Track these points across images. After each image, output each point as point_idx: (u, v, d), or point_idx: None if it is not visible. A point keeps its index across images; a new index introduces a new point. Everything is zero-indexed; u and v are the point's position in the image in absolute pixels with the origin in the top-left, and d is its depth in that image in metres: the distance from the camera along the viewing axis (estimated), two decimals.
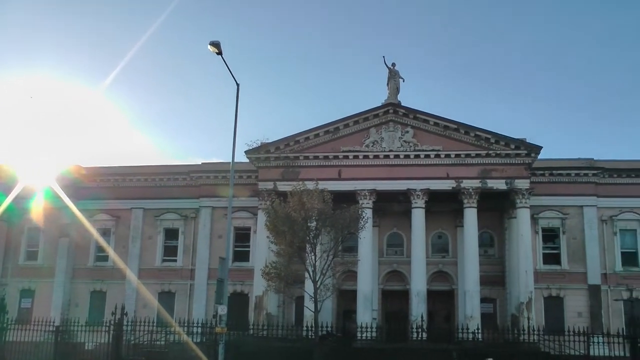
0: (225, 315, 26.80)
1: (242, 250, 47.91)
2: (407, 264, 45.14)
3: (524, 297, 41.98)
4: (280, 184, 42.98)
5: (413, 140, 44.12)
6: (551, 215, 46.86)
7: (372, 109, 44.81)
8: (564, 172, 46.89)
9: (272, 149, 44.87)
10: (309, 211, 29.60)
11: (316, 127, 45.01)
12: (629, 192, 47.11)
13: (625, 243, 47.23)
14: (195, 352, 29.95)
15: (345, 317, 46.01)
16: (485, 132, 43.73)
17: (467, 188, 43.07)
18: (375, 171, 43.79)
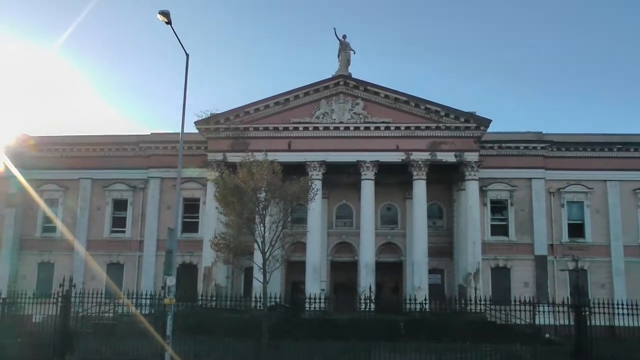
0: (174, 286, 26.59)
1: (191, 222, 47.62)
2: (356, 235, 45.35)
3: (472, 268, 42.45)
4: (230, 155, 42.62)
5: (363, 113, 44.10)
6: (500, 188, 47.35)
7: (323, 81, 44.66)
8: (512, 145, 47.38)
9: (221, 120, 44.54)
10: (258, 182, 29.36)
11: (266, 98, 44.74)
12: (577, 165, 47.73)
13: (572, 215, 47.95)
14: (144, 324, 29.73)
15: (294, 288, 46.17)
16: (435, 105, 43.88)
17: (417, 160, 43.25)
18: (325, 143, 43.76)
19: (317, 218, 42.96)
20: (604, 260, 46.73)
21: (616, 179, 47.67)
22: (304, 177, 36.20)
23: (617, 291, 44.37)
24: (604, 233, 47.31)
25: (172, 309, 26.07)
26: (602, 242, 47.17)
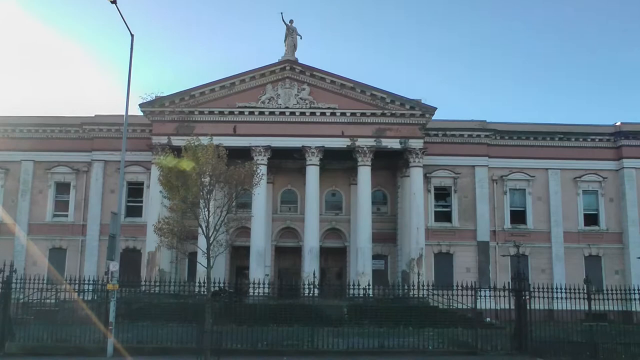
0: (117, 271, 26.33)
1: (135, 206, 47.13)
2: (300, 220, 45.45)
3: (415, 254, 42.87)
4: (175, 139, 42.19)
5: (309, 98, 44.12)
6: (444, 175, 47.89)
7: (269, 65, 44.54)
8: (457, 133, 47.96)
9: (166, 103, 44.10)
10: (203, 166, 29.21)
11: (212, 82, 44.47)
12: (519, 154, 48.62)
13: (514, 202, 48.82)
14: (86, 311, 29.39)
15: (239, 273, 46.17)
16: (381, 92, 44.13)
17: (362, 146, 43.47)
18: (271, 128, 43.67)
19: (262, 203, 42.91)
20: (545, 246, 47.84)
21: (557, 168, 48.70)
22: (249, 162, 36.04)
23: (556, 276, 45.50)
24: (545, 220, 48.32)
25: (115, 295, 25.84)
26: (543, 228, 48.20)
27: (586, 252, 48.18)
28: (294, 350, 25.87)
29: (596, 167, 49.14)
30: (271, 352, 25.26)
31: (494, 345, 27.51)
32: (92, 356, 24.19)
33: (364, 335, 27.01)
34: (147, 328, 26.50)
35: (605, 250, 48.37)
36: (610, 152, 49.45)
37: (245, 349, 25.43)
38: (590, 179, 49.13)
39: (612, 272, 47.52)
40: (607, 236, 48.63)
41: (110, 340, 24.54)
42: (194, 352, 21.50)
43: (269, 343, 26.28)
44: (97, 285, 30.86)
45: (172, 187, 28.78)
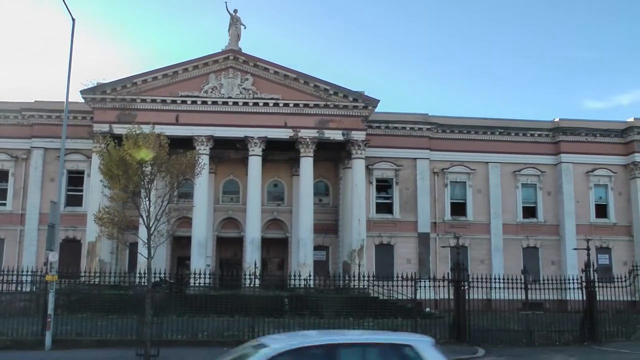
0: (56, 262, 26.00)
1: (76, 195, 46.40)
2: (242, 211, 45.32)
3: (356, 245, 43.15)
4: (116, 127, 41.58)
5: (252, 88, 44.00)
6: (385, 167, 48.28)
7: (212, 55, 44.30)
8: (399, 125, 48.37)
9: (108, 90, 43.51)
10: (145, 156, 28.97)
11: (154, 70, 44.04)
12: (460, 147, 49.31)
13: (455, 194, 49.59)
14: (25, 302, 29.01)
15: (180, 263, 45.94)
16: (324, 83, 44.29)
17: (305, 137, 43.56)
18: (214, 117, 43.42)
19: (204, 193, 42.72)
20: (484, 237, 48.76)
21: (497, 161, 49.67)
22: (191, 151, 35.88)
23: (495, 266, 46.28)
24: (485, 212, 49.20)
25: (54, 286, 25.52)
26: (483, 220, 49.07)
27: (524, 244, 49.33)
28: (234, 340, 25.75)
29: (535, 162, 50.23)
30: (211, 343, 25.21)
31: (433, 335, 27.76)
32: (29, 349, 23.79)
33: (305, 326, 27.09)
34: (86, 320, 26.30)
35: (542, 242, 49.61)
36: (549, 147, 50.64)
37: (185, 340, 25.41)
38: (529, 173, 50.19)
39: (548, 263, 48.71)
40: (545, 228, 49.85)
41: (49, 332, 24.23)
42: (134, 344, 21.33)
43: (210, 334, 26.28)
44: (36, 276, 30.44)
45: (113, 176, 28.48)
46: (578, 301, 31.57)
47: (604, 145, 50.81)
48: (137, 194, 26.69)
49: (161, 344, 21.30)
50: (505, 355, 24.61)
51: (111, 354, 21.84)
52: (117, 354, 21.68)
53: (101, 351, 23.08)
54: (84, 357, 21.83)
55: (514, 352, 25.34)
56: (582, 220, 49.67)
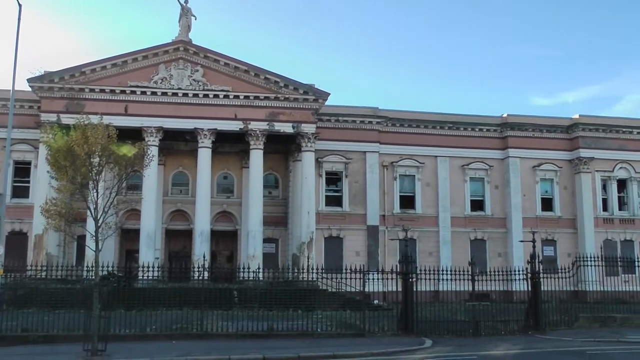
0: (2, 255, 25.69)
1: (22, 186, 45.48)
2: (192, 203, 45.12)
3: (305, 237, 43.26)
4: (64, 117, 40.99)
5: (203, 80, 43.74)
6: (335, 160, 48.41)
7: (162, 45, 43.92)
8: (349, 119, 48.54)
9: (56, 79, 42.76)
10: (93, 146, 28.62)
11: (103, 59, 43.52)
12: (410, 141, 49.73)
13: (404, 187, 49.96)
14: None
15: (129, 256, 45.55)
16: (275, 76, 44.23)
17: (255, 130, 43.47)
18: (163, 108, 43.07)
19: (153, 185, 42.42)
20: (433, 230, 49.30)
21: (446, 155, 50.26)
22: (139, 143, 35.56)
23: (443, 259, 46.99)
24: (434, 205, 49.71)
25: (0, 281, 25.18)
26: (431, 213, 49.58)
27: (472, 236, 50.05)
28: (183, 334, 25.80)
29: (483, 156, 51.01)
30: (160, 337, 25.10)
31: (381, 327, 28.12)
32: None
33: (254, 319, 27.14)
34: (33, 315, 25.88)
35: (489, 234, 50.38)
36: (497, 142, 51.47)
37: (133, 334, 25.17)
38: (478, 167, 50.89)
39: (495, 255, 49.53)
40: (492, 221, 50.64)
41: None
42: (82, 339, 21.08)
43: (158, 327, 26.09)
44: None
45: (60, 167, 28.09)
46: (523, 292, 32.38)
47: (550, 141, 51.83)
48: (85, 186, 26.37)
49: (109, 339, 21.08)
50: (452, 345, 24.90)
51: (58, 350, 21.55)
52: (64, 350, 21.40)
53: (48, 347, 22.74)
54: (31, 352, 21.48)
55: (461, 342, 25.69)
56: (529, 213, 50.65)
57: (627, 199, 52.96)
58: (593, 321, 31.26)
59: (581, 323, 30.92)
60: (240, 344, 23.90)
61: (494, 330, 28.66)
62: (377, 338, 26.50)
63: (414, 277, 28.79)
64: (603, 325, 30.80)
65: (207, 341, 24.67)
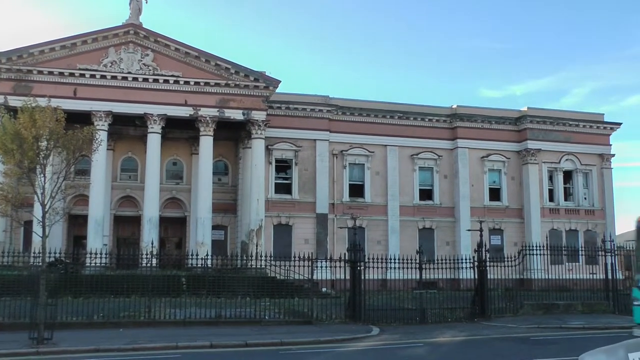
0: None
1: None
2: (141, 189, 44.80)
3: (255, 225, 43.24)
4: (12, 99, 40.12)
5: (153, 64, 43.33)
6: (285, 147, 48.40)
7: (112, 28, 43.34)
8: (300, 107, 48.57)
9: (3, 60, 41.82)
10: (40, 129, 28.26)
11: (52, 40, 42.67)
12: (360, 130, 49.94)
13: (354, 176, 50.14)
14: None
15: (76, 243, 45.08)
16: (226, 62, 44.04)
17: (205, 116, 43.26)
18: (113, 92, 42.53)
19: (101, 170, 41.96)
20: (382, 218, 49.62)
21: (396, 145, 50.57)
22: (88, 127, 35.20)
23: (391, 247, 47.48)
24: (383, 194, 50.07)
25: None
26: (381, 202, 49.94)
27: (420, 225, 50.52)
28: (130, 321, 25.75)
29: (433, 146, 51.48)
30: (107, 324, 25.05)
31: (329, 315, 28.38)
32: None
33: (202, 306, 27.21)
34: None
35: (438, 223, 50.93)
36: (446, 132, 52.00)
37: (80, 322, 25.07)
38: (427, 157, 51.36)
39: (443, 243, 50.14)
40: (441, 210, 51.23)
41: None
42: (28, 327, 20.89)
43: (106, 315, 26.02)
44: None
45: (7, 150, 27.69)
46: (470, 280, 32.86)
47: (498, 132, 52.59)
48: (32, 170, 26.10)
49: (56, 327, 20.97)
50: (399, 332, 25.26)
51: (3, 338, 21.24)
52: (9, 338, 21.13)
53: None
54: None
55: (408, 330, 26.08)
56: (477, 203, 51.35)
57: (573, 189, 54.08)
58: (537, 308, 32.14)
59: (526, 310, 31.75)
60: (188, 331, 23.96)
61: (441, 318, 29.16)
62: (325, 326, 26.75)
63: (362, 265, 29.10)
64: (547, 312, 31.71)
65: (154, 329, 24.69)
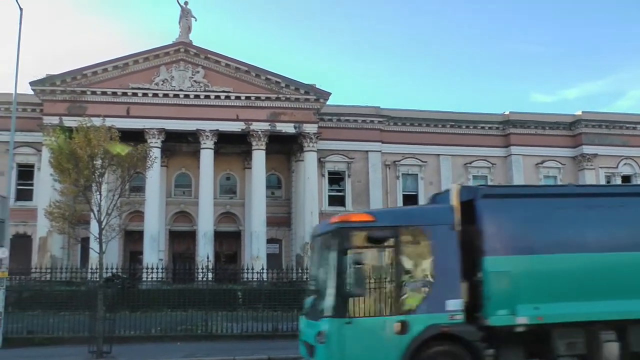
0: (6, 258, 25.58)
1: (26, 189, 45.44)
2: (195, 204, 45.06)
3: (309, 238, 43.10)
4: (67, 119, 40.95)
5: (204, 81, 43.75)
6: (337, 159, 48.28)
7: (163, 47, 43.96)
8: (351, 118, 48.41)
9: (58, 82, 42.77)
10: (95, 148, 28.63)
11: (105, 62, 43.48)
12: (411, 140, 49.52)
13: (407, 186, 49.81)
14: None
15: (132, 258, 45.44)
16: (276, 76, 44.26)
17: (257, 130, 43.47)
18: (165, 110, 43.06)
19: (156, 186, 42.39)
20: None
21: (448, 154, 50.01)
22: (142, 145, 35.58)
23: None
24: None
25: (4, 283, 25.15)
26: None
27: None
28: (188, 335, 25.84)
29: (485, 154, 50.76)
30: (164, 338, 25.15)
31: None
32: None
33: (258, 320, 27.18)
34: (38, 317, 25.92)
35: None
36: (499, 139, 51.24)
37: (138, 336, 25.20)
38: (480, 165, 50.69)
39: None
40: None
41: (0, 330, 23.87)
42: (87, 341, 21.14)
43: (163, 329, 26.13)
44: None
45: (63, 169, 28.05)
46: None
47: (552, 138, 51.61)
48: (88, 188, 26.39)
49: (114, 340, 21.15)
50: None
51: (63, 352, 21.60)
52: (69, 352, 21.44)
53: (53, 349, 22.80)
54: (36, 355, 21.56)
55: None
56: None
57: None
58: None
59: None
60: (245, 344, 23.95)
61: None
62: None
63: None
64: None
65: (212, 342, 24.73)
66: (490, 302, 13.45)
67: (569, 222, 14.27)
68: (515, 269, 13.65)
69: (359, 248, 13.49)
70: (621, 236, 14.52)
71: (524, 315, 13.41)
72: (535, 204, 14.46)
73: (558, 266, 13.89)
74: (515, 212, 14.09)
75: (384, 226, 13.71)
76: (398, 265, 13.58)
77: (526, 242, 13.97)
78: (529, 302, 13.52)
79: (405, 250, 13.80)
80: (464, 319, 13.32)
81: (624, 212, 14.74)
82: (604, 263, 14.15)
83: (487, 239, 13.72)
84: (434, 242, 13.69)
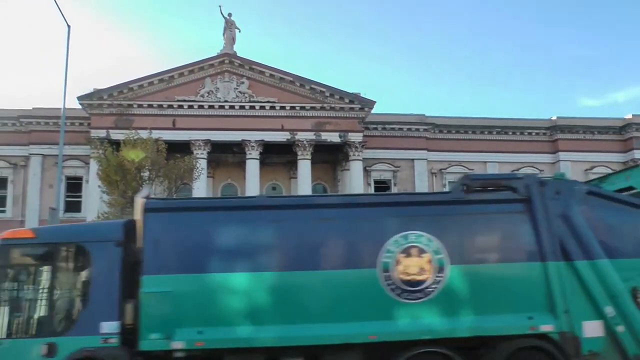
0: None
1: (74, 201, 46.18)
2: None
3: None
4: (114, 132, 41.62)
5: (248, 92, 44.06)
6: (383, 168, 48.13)
7: (208, 59, 44.39)
8: (396, 126, 48.22)
9: (104, 96, 43.49)
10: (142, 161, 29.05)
11: (151, 75, 44.12)
12: (458, 147, 49.12)
13: None
14: None
15: None
16: (320, 86, 44.34)
17: (302, 140, 43.58)
18: (210, 121, 43.41)
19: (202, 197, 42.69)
20: None
21: (495, 161, 49.31)
22: (188, 156, 35.97)
23: None
24: None
25: None
26: None
27: None
28: None
29: (533, 160, 50.01)
30: None
31: None
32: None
33: None
34: None
35: None
36: (547, 145, 50.50)
37: None
38: (528, 172, 49.88)
39: None
40: None
41: None
42: None
43: None
44: None
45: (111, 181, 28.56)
46: None
47: (602, 143, 50.67)
48: None
49: None
50: None
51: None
52: None
53: None
54: None
55: None
56: None
57: None
58: None
59: None
60: None
61: None
62: None
63: None
64: None
65: None
66: (144, 325, 12.46)
67: (237, 237, 13.34)
68: (176, 289, 12.62)
69: (17, 266, 13.26)
70: (297, 253, 13.28)
71: (180, 340, 12.39)
72: (202, 218, 13.41)
73: (224, 286, 12.80)
74: (180, 227, 13.14)
75: (42, 243, 13.20)
76: (54, 284, 13.07)
77: (189, 260, 12.99)
78: (193, 325, 12.57)
79: (63, 268, 13.45)
80: (119, 343, 12.50)
81: (303, 226, 13.46)
82: (283, 282, 12.94)
83: (147, 256, 12.81)
84: (93, 260, 13.05)
